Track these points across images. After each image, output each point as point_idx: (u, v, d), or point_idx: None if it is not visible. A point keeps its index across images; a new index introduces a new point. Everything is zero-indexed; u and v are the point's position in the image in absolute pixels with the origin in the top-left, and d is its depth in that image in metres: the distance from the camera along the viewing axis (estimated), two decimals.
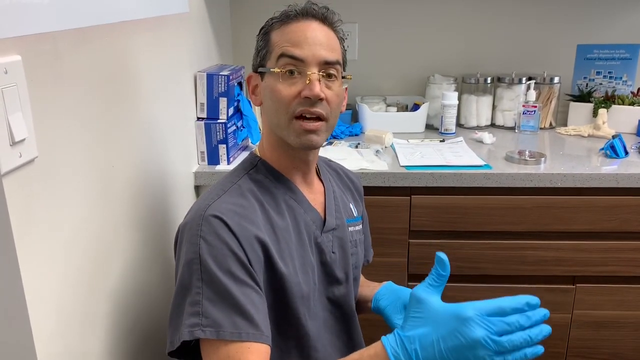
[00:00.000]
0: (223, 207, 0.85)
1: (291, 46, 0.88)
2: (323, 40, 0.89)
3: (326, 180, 1.04)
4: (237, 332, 0.79)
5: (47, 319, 0.75)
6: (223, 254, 0.81)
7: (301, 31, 0.89)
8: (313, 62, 0.88)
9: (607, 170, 1.46)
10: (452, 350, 0.68)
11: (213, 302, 0.80)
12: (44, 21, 0.73)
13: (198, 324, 0.79)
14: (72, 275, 0.83)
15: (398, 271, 1.54)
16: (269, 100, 0.91)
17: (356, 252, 1.04)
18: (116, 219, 0.98)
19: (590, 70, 2.00)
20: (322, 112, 0.88)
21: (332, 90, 0.90)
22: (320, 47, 0.88)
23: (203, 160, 1.52)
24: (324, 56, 0.88)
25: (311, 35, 0.89)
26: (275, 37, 0.91)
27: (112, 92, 0.96)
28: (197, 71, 1.48)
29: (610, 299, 1.56)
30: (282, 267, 0.87)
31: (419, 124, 1.90)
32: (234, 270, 0.81)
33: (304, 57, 0.87)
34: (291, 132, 0.89)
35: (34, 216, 0.71)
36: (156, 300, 1.17)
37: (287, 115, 0.88)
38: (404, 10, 1.99)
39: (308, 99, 0.87)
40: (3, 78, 0.64)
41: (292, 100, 0.88)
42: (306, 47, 0.88)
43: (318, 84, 0.87)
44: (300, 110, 0.87)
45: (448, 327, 0.69)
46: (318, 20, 0.91)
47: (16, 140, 0.66)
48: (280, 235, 0.90)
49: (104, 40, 0.92)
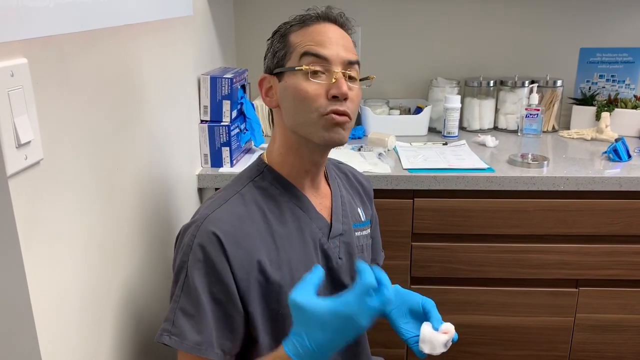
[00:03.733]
0: (221, 221, 0.87)
1: (315, 45, 0.88)
2: (345, 42, 0.91)
3: (334, 184, 1.03)
4: (197, 347, 0.84)
5: (51, 320, 0.75)
6: (207, 271, 0.85)
7: (323, 32, 0.90)
8: (337, 62, 0.88)
9: (610, 174, 1.46)
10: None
11: (185, 313, 0.85)
12: (50, 24, 0.73)
13: (168, 330, 0.85)
14: (77, 277, 0.83)
15: (400, 274, 1.54)
16: (291, 100, 0.90)
17: (363, 257, 1.04)
18: (120, 220, 0.99)
19: (593, 74, 2.00)
20: (349, 111, 0.89)
21: (353, 90, 0.90)
22: (342, 47, 0.90)
23: (206, 163, 1.53)
24: (347, 57, 0.89)
25: (334, 37, 0.90)
26: (295, 39, 0.91)
27: (117, 95, 0.97)
28: (200, 74, 1.49)
29: (614, 303, 1.55)
30: (278, 279, 0.89)
31: (422, 127, 1.90)
32: (215, 289, 0.85)
33: (329, 56, 0.88)
34: (320, 127, 0.88)
35: (40, 218, 0.72)
36: (160, 300, 1.17)
37: (316, 112, 0.87)
38: (407, 14, 1.99)
39: (335, 97, 0.87)
40: (9, 81, 0.64)
41: (319, 98, 0.87)
42: (330, 46, 0.88)
43: (345, 83, 0.88)
44: (331, 110, 0.87)
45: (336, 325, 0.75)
46: (337, 24, 0.92)
47: (22, 143, 0.66)
48: (279, 244, 0.91)
49: (108, 43, 0.93)
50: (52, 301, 0.75)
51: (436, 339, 0.92)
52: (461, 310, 1.57)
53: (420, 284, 1.55)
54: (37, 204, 0.71)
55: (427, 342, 0.93)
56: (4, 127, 0.64)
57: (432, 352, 0.93)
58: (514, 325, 1.58)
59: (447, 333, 0.93)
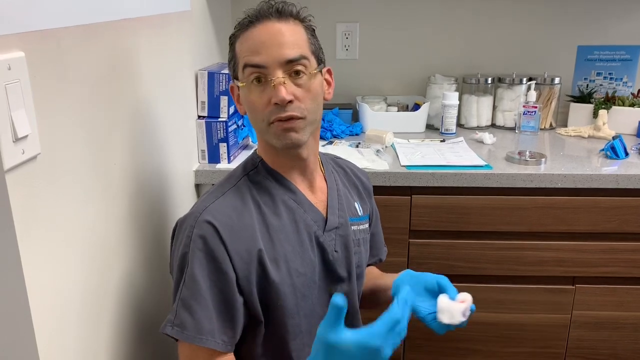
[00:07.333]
0: (219, 213, 0.88)
1: (251, 54, 0.88)
2: (281, 39, 0.87)
3: (330, 179, 1.04)
4: (198, 337, 0.85)
5: (49, 314, 0.75)
6: (208, 261, 0.86)
7: (257, 36, 0.88)
8: (275, 65, 0.87)
9: (607, 171, 1.47)
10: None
11: (186, 303, 0.86)
12: (47, 18, 0.73)
13: (171, 321, 0.87)
14: (75, 271, 0.83)
15: (398, 270, 1.53)
16: (247, 111, 0.93)
17: (359, 251, 1.04)
18: (117, 215, 0.98)
19: (591, 72, 2.00)
20: (294, 114, 0.88)
21: (302, 87, 0.89)
22: (278, 47, 0.87)
23: (204, 159, 1.52)
24: (284, 55, 0.87)
25: (267, 38, 0.87)
26: (239, 47, 0.91)
27: (114, 90, 0.96)
28: (198, 69, 1.48)
29: (610, 300, 1.56)
30: (274, 272, 0.90)
31: (420, 124, 1.90)
32: (215, 279, 0.86)
33: (263, 62, 0.87)
34: (272, 136, 0.90)
35: (37, 212, 0.71)
36: (158, 295, 1.17)
37: (264, 122, 0.90)
38: (405, 10, 1.99)
39: (277, 104, 0.87)
40: (6, 74, 0.64)
41: (265, 108, 0.88)
42: (264, 51, 0.87)
43: (283, 88, 0.86)
44: (274, 118, 0.88)
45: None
46: (273, 19, 0.88)
47: (19, 137, 0.66)
48: (274, 236, 0.92)
49: (106, 37, 0.92)
50: (49, 296, 0.75)
51: (454, 308, 0.91)
52: None
53: None
54: (34, 198, 0.71)
55: (445, 312, 0.91)
56: (1, 121, 0.63)
57: (452, 321, 0.91)
58: (511, 322, 1.59)
59: (465, 302, 0.92)
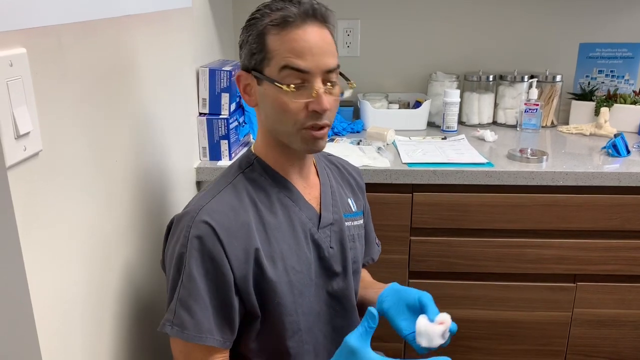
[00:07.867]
0: (216, 212, 0.88)
1: (295, 57, 0.85)
2: (325, 47, 0.87)
3: (323, 175, 1.04)
4: (198, 336, 0.86)
5: (51, 312, 0.75)
6: (205, 261, 0.86)
7: (304, 40, 0.85)
8: (318, 72, 0.86)
9: (609, 169, 1.46)
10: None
11: (185, 303, 0.86)
12: (49, 14, 0.73)
13: (170, 320, 0.87)
14: (76, 267, 0.83)
15: (399, 268, 1.54)
16: (270, 109, 0.90)
17: (355, 247, 1.05)
18: (119, 212, 0.98)
19: (593, 69, 1.99)
20: (328, 122, 0.90)
21: (332, 95, 0.89)
22: (323, 55, 0.86)
23: (205, 156, 1.52)
24: (328, 64, 0.87)
25: (314, 44, 0.86)
26: (274, 44, 0.86)
27: (115, 87, 0.96)
28: (199, 66, 1.48)
29: (611, 298, 1.56)
30: (271, 270, 0.90)
31: (421, 121, 1.90)
32: (213, 278, 0.86)
33: (309, 68, 0.85)
34: (299, 139, 0.90)
35: (38, 209, 0.71)
36: (159, 292, 1.17)
37: (295, 126, 0.88)
38: (406, 7, 1.98)
39: (316, 112, 0.87)
40: (8, 71, 0.64)
41: (299, 112, 0.87)
42: (310, 57, 0.85)
43: (325, 98, 0.86)
44: (310, 125, 0.88)
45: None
46: (318, 22, 0.87)
47: (21, 134, 0.66)
48: (270, 234, 0.92)
49: (107, 34, 0.92)
50: (51, 293, 0.75)
51: (432, 330, 0.90)
52: (459, 304, 1.57)
53: (419, 278, 1.56)
54: (36, 195, 0.71)
55: (423, 335, 0.91)
56: (3, 118, 0.63)
57: (430, 344, 0.91)
58: (512, 319, 1.59)
59: (443, 323, 0.91)
